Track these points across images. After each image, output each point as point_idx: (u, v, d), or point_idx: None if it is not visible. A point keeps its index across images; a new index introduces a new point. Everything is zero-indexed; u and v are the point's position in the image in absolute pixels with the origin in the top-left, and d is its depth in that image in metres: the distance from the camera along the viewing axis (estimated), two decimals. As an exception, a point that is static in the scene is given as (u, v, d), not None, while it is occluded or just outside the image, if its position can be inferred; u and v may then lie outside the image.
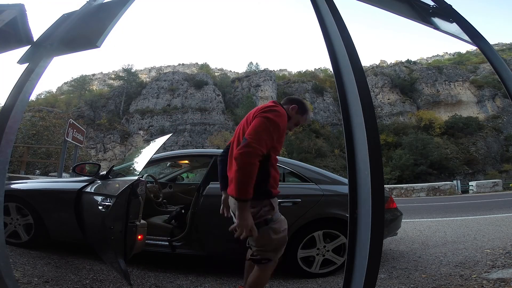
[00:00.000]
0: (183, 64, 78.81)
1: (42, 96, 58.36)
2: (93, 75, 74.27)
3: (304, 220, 2.35)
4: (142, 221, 2.01)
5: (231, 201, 1.54)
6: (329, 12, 1.28)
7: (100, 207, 1.90)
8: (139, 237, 1.93)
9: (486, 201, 9.17)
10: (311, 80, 52.49)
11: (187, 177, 5.07)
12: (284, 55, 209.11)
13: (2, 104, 2.52)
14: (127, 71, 51.19)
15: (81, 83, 56.20)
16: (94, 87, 63.17)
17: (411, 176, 31.43)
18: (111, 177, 2.34)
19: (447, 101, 44.03)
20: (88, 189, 2.30)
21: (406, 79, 48.00)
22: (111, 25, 1.45)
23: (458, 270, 2.40)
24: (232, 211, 1.58)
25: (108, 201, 1.86)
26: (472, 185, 15.46)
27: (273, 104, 1.52)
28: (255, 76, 50.16)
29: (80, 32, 1.56)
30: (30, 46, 1.53)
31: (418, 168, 32.57)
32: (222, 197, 1.72)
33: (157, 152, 2.52)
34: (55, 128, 13.93)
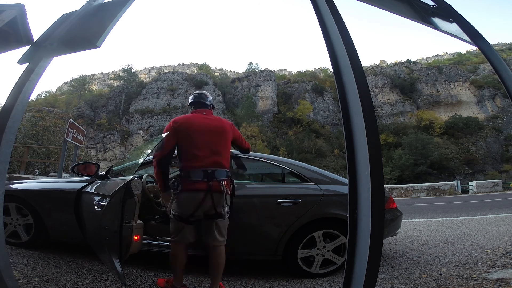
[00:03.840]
0: (183, 64, 78.81)
1: (42, 96, 58.34)
2: (93, 75, 74.30)
3: (304, 220, 2.35)
4: (139, 221, 2.01)
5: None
6: (329, 12, 1.28)
7: (95, 207, 1.90)
8: (136, 237, 1.92)
9: (486, 201, 9.17)
10: (311, 80, 52.43)
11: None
12: (284, 55, 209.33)
13: (2, 104, 2.52)
14: (127, 71, 51.13)
15: (81, 83, 56.18)
16: (94, 87, 63.18)
17: (411, 176, 31.40)
18: (110, 177, 2.33)
19: (447, 101, 43.98)
20: (88, 189, 2.30)
21: (406, 79, 47.96)
22: (111, 25, 1.46)
23: (458, 270, 2.40)
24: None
25: (104, 201, 1.86)
26: (472, 185, 15.44)
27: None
28: (255, 76, 50.11)
29: (80, 32, 1.56)
30: (30, 46, 1.53)
31: (418, 168, 32.54)
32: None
33: None
34: (55, 128, 13.92)
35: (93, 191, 2.19)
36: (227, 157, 1.99)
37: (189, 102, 2.16)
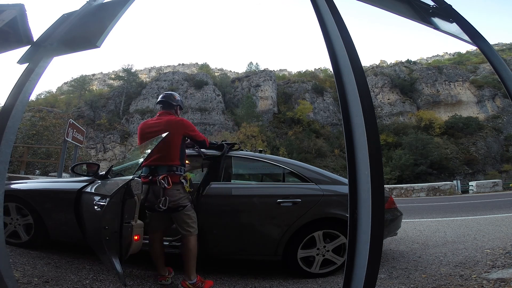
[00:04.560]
0: (183, 64, 78.80)
1: (42, 96, 58.26)
2: (93, 75, 74.26)
3: (304, 220, 2.35)
4: (139, 221, 2.01)
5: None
6: (329, 12, 1.28)
7: (95, 207, 1.90)
8: (136, 237, 1.92)
9: (486, 201, 9.17)
10: (311, 80, 52.41)
11: (187, 177, 5.05)
12: (284, 55, 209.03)
13: (2, 104, 2.52)
14: (127, 71, 51.08)
15: (81, 83, 56.14)
16: (94, 87, 63.15)
17: (411, 176, 31.38)
18: (110, 177, 2.33)
19: (447, 101, 43.96)
20: (88, 189, 2.30)
21: (406, 79, 47.95)
22: (111, 25, 1.46)
23: (458, 270, 2.40)
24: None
25: (103, 201, 1.86)
26: (472, 185, 15.44)
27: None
28: (255, 76, 50.08)
29: (80, 32, 1.57)
30: (30, 46, 1.54)
31: (418, 168, 32.52)
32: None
33: None
34: (55, 128, 13.91)
35: (93, 191, 2.19)
36: (172, 154, 2.12)
37: (157, 100, 2.40)
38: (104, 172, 2.38)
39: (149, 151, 2.40)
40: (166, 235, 2.54)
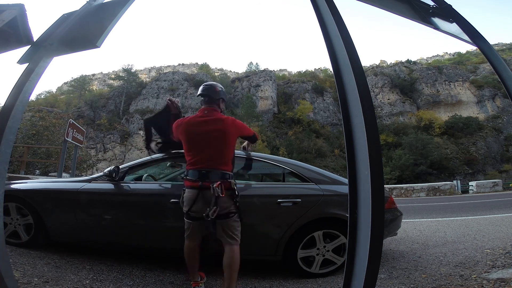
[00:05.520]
0: (183, 64, 78.86)
1: (42, 96, 58.35)
2: (93, 75, 74.35)
3: (304, 220, 2.35)
4: None
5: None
6: (329, 12, 1.28)
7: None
8: None
9: (486, 201, 9.16)
10: (311, 80, 52.46)
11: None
12: (284, 55, 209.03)
13: (2, 104, 2.53)
14: (127, 71, 51.15)
15: (81, 83, 56.23)
16: (94, 87, 63.24)
17: (411, 176, 31.39)
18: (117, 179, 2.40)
19: (447, 101, 44.00)
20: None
21: (406, 79, 47.98)
22: (111, 25, 1.46)
23: (458, 270, 2.40)
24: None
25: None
26: (472, 185, 15.44)
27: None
28: (255, 76, 50.12)
29: (80, 32, 1.57)
30: (30, 46, 1.54)
31: (418, 168, 32.54)
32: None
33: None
34: (55, 128, 13.93)
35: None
36: (225, 159, 1.99)
37: (198, 93, 2.15)
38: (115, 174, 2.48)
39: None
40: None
